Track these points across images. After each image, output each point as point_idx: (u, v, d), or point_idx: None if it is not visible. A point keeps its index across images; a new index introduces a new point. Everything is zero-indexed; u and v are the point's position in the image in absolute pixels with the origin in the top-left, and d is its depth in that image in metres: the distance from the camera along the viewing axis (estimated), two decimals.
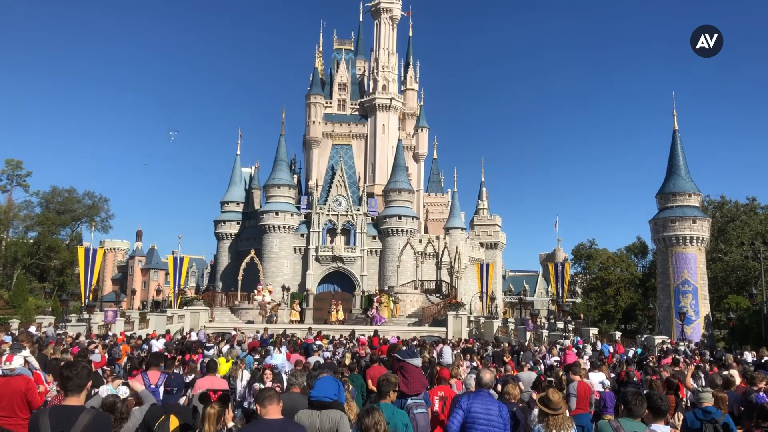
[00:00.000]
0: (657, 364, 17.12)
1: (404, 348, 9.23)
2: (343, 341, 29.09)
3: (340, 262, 59.63)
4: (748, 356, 20.26)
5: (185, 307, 44.62)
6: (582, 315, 51.42)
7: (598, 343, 26.86)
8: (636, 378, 12.99)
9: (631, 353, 23.60)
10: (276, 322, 44.74)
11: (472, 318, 45.47)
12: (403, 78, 71.74)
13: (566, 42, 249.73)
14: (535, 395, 10.02)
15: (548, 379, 11.87)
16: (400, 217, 59.42)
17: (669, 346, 26.81)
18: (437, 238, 61.76)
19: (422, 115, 71.10)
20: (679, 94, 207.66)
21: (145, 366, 10.53)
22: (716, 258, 60.34)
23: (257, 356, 18.03)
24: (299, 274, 59.69)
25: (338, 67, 69.89)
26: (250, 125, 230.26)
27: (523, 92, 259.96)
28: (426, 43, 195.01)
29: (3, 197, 70.13)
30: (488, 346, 26.17)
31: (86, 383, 5.33)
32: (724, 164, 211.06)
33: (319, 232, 59.69)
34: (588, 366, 14.66)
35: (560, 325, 36.59)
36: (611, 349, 24.93)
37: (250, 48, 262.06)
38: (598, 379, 12.41)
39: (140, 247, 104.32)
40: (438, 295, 53.91)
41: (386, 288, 53.39)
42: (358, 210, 60.08)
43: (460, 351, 20.23)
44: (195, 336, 29.32)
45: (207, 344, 22.51)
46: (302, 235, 60.18)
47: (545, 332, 35.14)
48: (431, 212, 74.06)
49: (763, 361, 16.91)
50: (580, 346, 23.91)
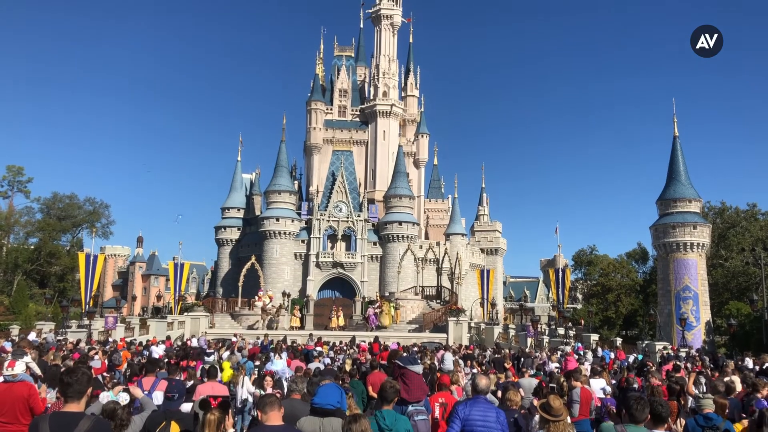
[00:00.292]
0: (658, 370, 17.10)
1: (405, 355, 9.23)
2: (344, 347, 29.07)
3: (340, 268, 59.61)
4: (749, 362, 20.22)
5: (186, 313, 44.57)
6: (583, 321, 51.42)
7: (599, 349, 26.81)
8: (636, 384, 12.98)
9: (631, 359, 23.58)
10: (277, 328, 44.73)
11: (472, 324, 45.39)
12: (403, 84, 71.90)
13: (566, 48, 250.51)
14: (536, 402, 10.02)
15: (550, 385, 11.86)
16: (400, 223, 59.41)
17: (670, 352, 26.78)
18: (438, 244, 61.76)
19: (423, 122, 71.22)
20: (680, 100, 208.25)
21: (144, 372, 10.54)
22: (717, 264, 60.30)
23: (257, 362, 18.03)
24: (300, 280, 59.67)
25: (339, 74, 70.04)
26: (251, 131, 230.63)
27: (524, 98, 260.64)
28: (426, 49, 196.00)
29: (4, 203, 70.30)
30: (486, 351, 26.14)
31: (86, 389, 5.34)
32: (725, 170, 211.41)
33: (319, 238, 59.70)
34: (589, 372, 14.65)
35: (561, 331, 36.56)
36: (612, 355, 24.90)
37: (251, 54, 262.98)
38: (599, 386, 12.40)
39: (141, 253, 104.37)
40: (439, 301, 53.84)
41: (387, 294, 53.32)
42: (359, 216, 60.10)
43: (460, 357, 20.21)
44: (195, 342, 29.31)
45: (207, 350, 22.52)
46: (303, 241, 60.19)
47: (546, 338, 35.08)
48: (432, 218, 74.09)
49: (765, 367, 16.89)
50: (581, 352, 23.87)
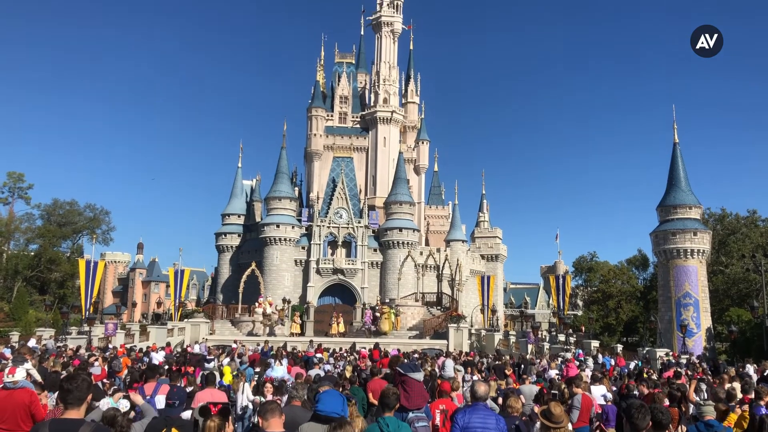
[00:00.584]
0: (659, 378, 17.08)
1: (406, 362, 9.21)
2: (344, 354, 29.05)
3: (340, 274, 59.58)
4: (750, 369, 20.20)
5: (186, 320, 44.52)
6: (583, 328, 51.27)
7: (600, 355, 26.77)
8: (637, 391, 12.95)
9: (632, 366, 23.54)
10: (277, 334, 44.69)
11: (473, 331, 45.33)
12: (404, 91, 72.05)
13: (566, 55, 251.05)
14: (537, 408, 10.01)
15: (552, 392, 11.84)
16: (401, 229, 59.43)
17: (671, 359, 26.72)
18: (438, 250, 61.74)
19: (423, 128, 71.32)
20: (680, 106, 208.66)
21: (144, 379, 10.53)
22: (717, 271, 60.26)
23: (258, 369, 18.02)
24: (300, 286, 59.63)
25: (339, 80, 70.23)
26: (252, 138, 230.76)
27: (524, 105, 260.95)
28: (427, 56, 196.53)
29: (4, 210, 70.36)
30: (485, 358, 26.10)
31: (86, 396, 5.32)
32: (725, 177, 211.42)
33: (320, 244, 59.70)
34: (590, 379, 14.63)
35: (562, 337, 36.52)
36: (612, 362, 24.87)
37: (252, 61, 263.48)
38: (600, 393, 12.37)
39: (141, 259, 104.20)
40: (439, 307, 53.80)
41: (387, 300, 53.29)
42: (359, 222, 60.12)
43: (460, 364, 20.18)
44: (198, 349, 29.30)
45: (207, 357, 22.49)
46: (303, 248, 60.18)
47: (546, 345, 35.04)
48: (432, 225, 74.09)
49: (766, 374, 16.87)
50: (581, 359, 23.83)
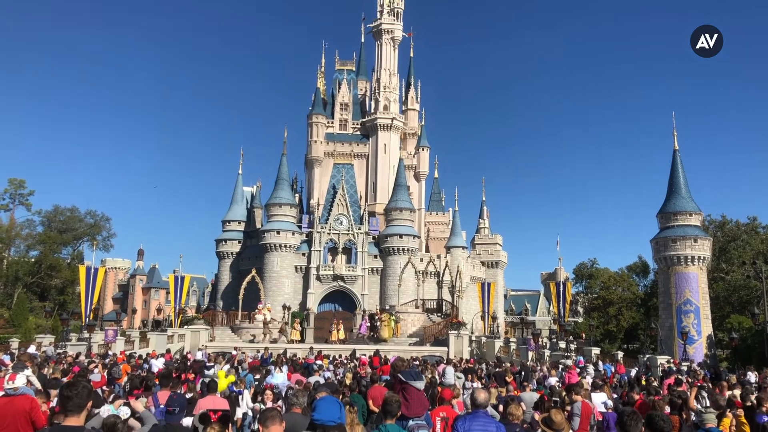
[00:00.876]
0: (659, 385, 17.05)
1: (408, 369, 9.18)
2: (344, 361, 28.97)
3: (341, 281, 59.55)
4: (752, 376, 20.17)
5: (186, 327, 44.47)
6: (584, 334, 51.17)
7: (600, 363, 26.71)
8: (635, 396, 12.92)
9: (633, 373, 23.49)
10: (284, 341, 44.66)
11: (473, 337, 45.24)
12: (404, 98, 72.26)
13: (566, 62, 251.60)
14: (537, 416, 9.99)
15: (553, 399, 11.82)
16: (401, 236, 59.45)
17: (672, 366, 26.66)
18: (438, 257, 61.68)
19: (423, 135, 71.47)
20: (679, 113, 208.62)
21: (155, 386, 10.49)
22: (718, 277, 60.23)
23: (258, 376, 17.99)
24: (300, 293, 59.59)
25: (340, 88, 70.45)
26: (252, 145, 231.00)
27: (524, 112, 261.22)
28: (427, 63, 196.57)
29: (5, 216, 70.42)
30: (483, 364, 26.06)
31: (86, 403, 5.31)
32: (725, 184, 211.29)
33: (320, 251, 59.70)
34: (590, 386, 14.60)
35: (562, 344, 36.43)
36: (613, 369, 24.81)
37: (253, 68, 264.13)
38: (601, 400, 12.34)
39: (141, 266, 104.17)
40: (439, 314, 53.69)
41: (387, 307, 53.23)
42: (360, 229, 60.13)
43: (460, 371, 20.12)
44: (200, 355, 29.26)
45: (207, 364, 22.45)
46: (303, 254, 60.18)
47: (547, 352, 34.97)
48: (432, 231, 74.10)
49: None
50: (581, 365, 23.79)
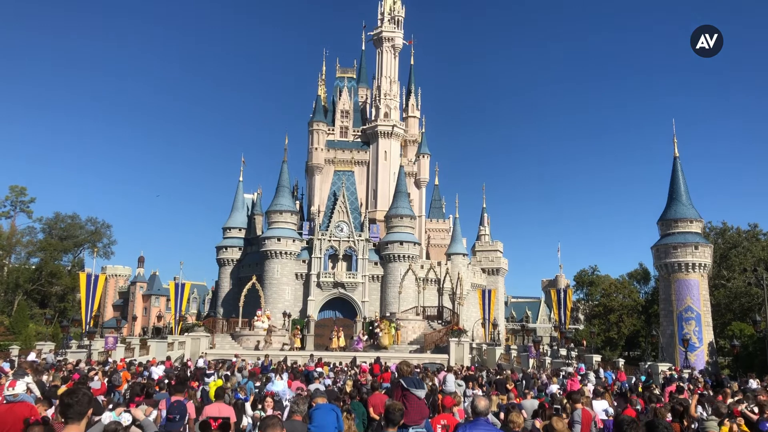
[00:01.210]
0: (661, 392, 17.00)
1: (410, 376, 9.16)
2: (345, 368, 28.92)
3: (341, 288, 59.46)
4: (753, 384, 20.09)
5: (186, 334, 44.42)
6: (585, 342, 51.12)
7: (601, 370, 26.65)
8: (639, 406, 12.90)
9: (633, 380, 23.43)
10: (275, 347, 44.59)
11: (474, 345, 45.16)
12: (404, 105, 72.40)
13: (566, 70, 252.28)
14: (538, 423, 9.96)
15: (554, 406, 11.80)
16: (401, 242, 59.40)
17: (674, 374, 26.60)
18: (439, 263, 61.62)
19: (424, 142, 71.57)
20: (680, 120, 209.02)
21: (156, 393, 10.48)
22: (719, 284, 60.15)
23: (258, 383, 17.96)
24: (300, 300, 59.50)
25: (340, 95, 70.61)
26: (253, 152, 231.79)
27: (524, 119, 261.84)
28: (427, 71, 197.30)
29: (6, 223, 70.43)
30: (483, 372, 26.02)
31: (87, 411, 5.30)
32: (726, 191, 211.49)
33: (320, 257, 59.65)
34: (591, 394, 14.57)
35: (563, 352, 36.36)
36: (614, 376, 24.75)
37: (253, 76, 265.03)
38: (602, 407, 12.32)
39: (142, 273, 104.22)
40: (440, 321, 53.60)
41: (388, 314, 53.13)
42: (360, 236, 60.10)
43: (461, 379, 20.08)
44: (201, 363, 29.25)
45: (207, 371, 22.41)
46: (304, 261, 60.12)
47: (548, 359, 34.91)
48: (433, 238, 74.06)
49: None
50: (582, 373, 23.74)
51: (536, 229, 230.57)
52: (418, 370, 25.35)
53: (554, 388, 18.26)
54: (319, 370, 24.53)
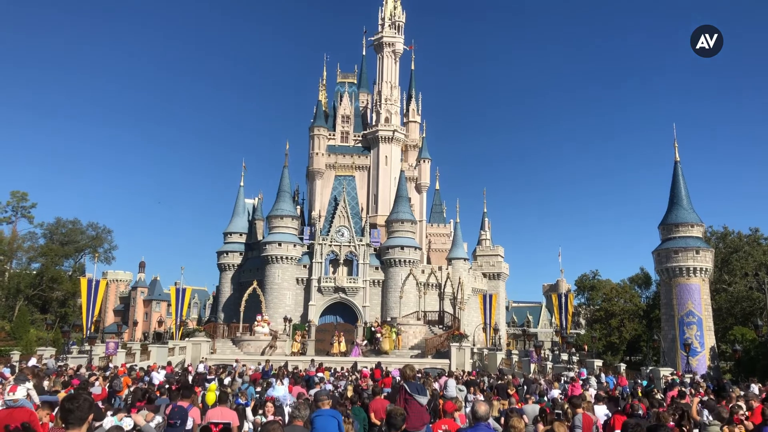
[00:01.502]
0: (663, 397, 16.96)
1: (414, 381, 9.13)
2: (346, 374, 28.88)
3: (342, 293, 59.44)
4: (755, 389, 20.05)
5: (187, 339, 44.40)
6: (586, 346, 50.99)
7: (602, 375, 26.60)
8: (641, 411, 12.85)
9: (633, 385, 23.37)
10: (277, 352, 44.53)
11: (475, 350, 45.08)
12: (405, 110, 72.53)
13: (567, 74, 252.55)
14: (541, 427, 9.95)
15: (556, 411, 11.78)
16: (402, 247, 59.40)
17: (675, 378, 26.54)
18: (440, 268, 61.58)
19: (424, 147, 71.69)
20: (680, 125, 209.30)
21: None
22: (720, 289, 60.05)
23: (259, 388, 17.94)
24: (301, 305, 59.46)
25: (341, 100, 70.76)
26: (254, 157, 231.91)
27: (525, 124, 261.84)
28: (428, 76, 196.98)
29: (7, 228, 70.50)
30: (484, 377, 25.97)
31: (88, 416, 5.29)
32: (727, 195, 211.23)
33: (321, 262, 59.65)
34: (593, 399, 14.54)
35: (564, 356, 36.29)
36: (615, 381, 24.70)
37: (254, 81, 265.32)
38: (604, 412, 12.30)
39: (143, 278, 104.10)
40: (441, 326, 53.51)
41: (389, 319, 53.07)
42: (361, 240, 60.11)
43: (462, 383, 20.05)
44: (202, 368, 29.24)
45: (208, 376, 22.41)
46: (305, 266, 60.11)
47: (549, 364, 34.84)
48: (434, 243, 74.06)
49: None
50: (583, 378, 23.69)
51: (537, 233, 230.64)
52: (419, 375, 25.32)
53: (556, 393, 18.23)
54: (320, 375, 24.51)
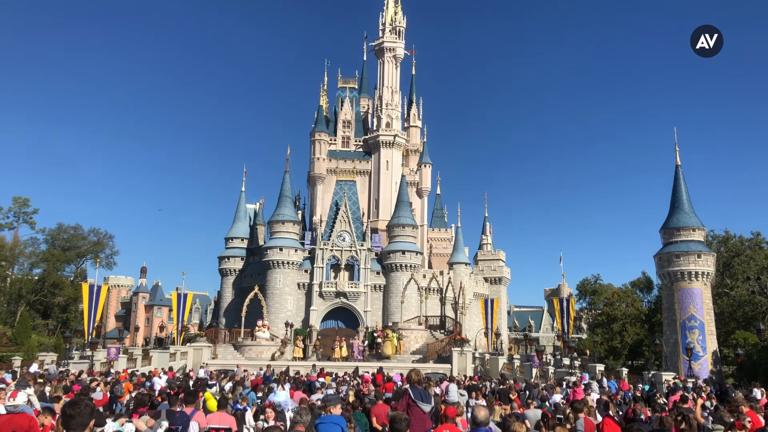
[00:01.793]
0: (665, 402, 16.92)
1: (419, 387, 9.10)
2: (347, 378, 28.83)
3: (343, 297, 59.39)
4: (758, 393, 19.98)
5: (188, 344, 44.34)
6: (588, 351, 50.95)
7: (604, 379, 26.53)
8: (644, 415, 12.83)
9: (634, 389, 23.32)
10: (276, 358, 44.47)
11: (477, 354, 44.99)
12: (406, 115, 72.65)
13: (568, 78, 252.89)
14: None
15: (557, 416, 11.76)
16: (403, 252, 59.35)
17: (678, 382, 26.48)
18: (441, 273, 61.53)
19: (425, 152, 71.75)
20: (681, 129, 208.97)
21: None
22: (722, 293, 59.94)
23: (260, 393, 17.91)
24: (303, 310, 59.42)
25: (342, 105, 70.88)
26: (255, 162, 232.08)
27: (526, 129, 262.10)
28: (429, 80, 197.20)
29: (9, 234, 70.59)
30: (486, 382, 25.92)
31: (89, 422, 5.29)
32: (728, 199, 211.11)
33: (322, 267, 59.63)
34: (595, 403, 14.51)
35: (566, 361, 36.22)
36: (617, 385, 24.64)
37: (256, 87, 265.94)
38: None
39: (144, 283, 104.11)
40: (442, 331, 53.41)
41: (390, 324, 52.98)
42: (362, 245, 60.09)
43: (464, 388, 20.00)
44: (203, 373, 29.21)
45: (209, 382, 22.37)
46: (306, 271, 60.08)
47: (551, 369, 34.76)
48: (435, 247, 74.01)
49: None
50: (585, 382, 23.63)
51: (538, 238, 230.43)
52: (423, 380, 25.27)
53: (557, 397, 18.18)
54: (321, 380, 24.46)
